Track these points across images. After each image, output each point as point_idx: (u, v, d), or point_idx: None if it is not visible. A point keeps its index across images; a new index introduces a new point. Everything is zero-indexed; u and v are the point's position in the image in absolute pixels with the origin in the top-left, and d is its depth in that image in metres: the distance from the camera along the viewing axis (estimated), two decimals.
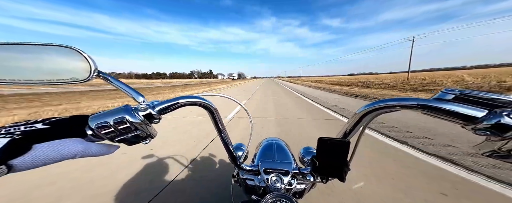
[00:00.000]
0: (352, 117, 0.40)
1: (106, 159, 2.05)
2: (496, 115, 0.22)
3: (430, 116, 0.27)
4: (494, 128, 0.22)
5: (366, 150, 2.43)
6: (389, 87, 14.18)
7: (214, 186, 1.65)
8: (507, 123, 0.21)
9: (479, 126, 0.23)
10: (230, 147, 0.53)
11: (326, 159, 0.43)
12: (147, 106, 0.33)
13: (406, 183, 1.72)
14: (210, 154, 2.33)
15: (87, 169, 1.95)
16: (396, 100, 0.30)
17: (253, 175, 0.59)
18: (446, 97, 0.26)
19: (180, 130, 3.39)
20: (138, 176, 1.82)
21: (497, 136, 0.22)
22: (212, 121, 0.47)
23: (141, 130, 0.32)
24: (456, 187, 1.65)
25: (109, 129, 0.29)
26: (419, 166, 2.04)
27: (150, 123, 0.33)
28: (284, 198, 0.43)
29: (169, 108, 0.35)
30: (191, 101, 0.38)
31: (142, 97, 0.36)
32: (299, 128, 3.59)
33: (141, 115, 0.31)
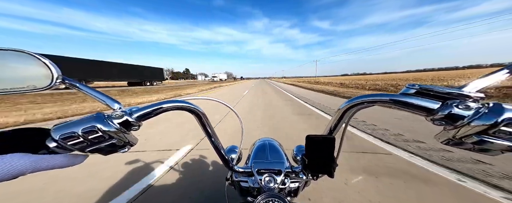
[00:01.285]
0: (335, 113, 0.42)
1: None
2: (447, 106, 0.24)
3: (398, 109, 0.29)
4: (447, 118, 0.24)
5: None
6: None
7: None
8: (457, 113, 0.23)
9: (436, 116, 0.25)
10: (222, 151, 0.53)
11: (315, 156, 0.44)
12: (123, 112, 0.31)
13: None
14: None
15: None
16: (372, 96, 0.32)
17: (247, 177, 0.59)
18: (410, 92, 0.28)
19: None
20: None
21: (450, 125, 0.24)
22: (200, 126, 0.46)
23: (117, 139, 0.30)
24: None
25: (78, 140, 0.27)
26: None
27: (128, 131, 0.32)
28: (275, 198, 0.43)
29: (150, 114, 0.34)
30: (176, 106, 0.37)
31: (117, 104, 0.34)
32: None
33: (116, 123, 0.30)
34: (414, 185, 1.59)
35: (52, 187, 1.63)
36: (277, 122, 3.92)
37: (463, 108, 0.23)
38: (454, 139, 0.24)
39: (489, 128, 0.21)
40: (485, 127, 0.21)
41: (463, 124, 0.23)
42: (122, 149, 0.33)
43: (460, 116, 0.23)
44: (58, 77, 0.31)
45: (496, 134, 0.21)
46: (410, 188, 1.55)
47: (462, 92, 0.24)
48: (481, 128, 0.21)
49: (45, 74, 0.31)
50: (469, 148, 0.24)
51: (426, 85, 0.27)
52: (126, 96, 10.47)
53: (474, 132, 0.22)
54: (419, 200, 1.41)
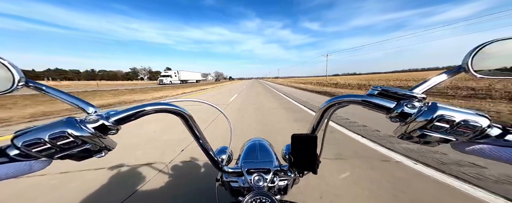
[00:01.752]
0: (316, 113, 0.46)
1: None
2: (400, 105, 0.28)
3: (367, 108, 0.33)
4: (400, 116, 0.28)
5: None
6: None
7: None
8: (406, 111, 0.28)
9: (392, 114, 0.29)
10: (210, 152, 0.53)
11: (300, 154, 0.47)
12: (99, 116, 0.30)
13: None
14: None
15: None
16: (347, 97, 0.36)
17: (237, 177, 0.60)
18: (374, 93, 0.32)
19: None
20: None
21: (403, 121, 0.29)
22: (187, 128, 0.45)
23: (92, 144, 0.29)
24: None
25: (44, 146, 0.26)
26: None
27: (104, 135, 0.31)
28: (263, 196, 0.45)
29: (130, 117, 0.32)
30: (159, 108, 0.36)
31: (92, 107, 0.32)
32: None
33: (90, 128, 0.28)
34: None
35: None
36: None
37: (410, 107, 0.27)
38: (406, 133, 0.29)
39: (427, 123, 0.25)
40: (425, 122, 0.25)
41: (411, 120, 0.27)
42: (98, 154, 0.31)
43: (409, 113, 0.27)
44: (20, 80, 0.29)
45: (432, 128, 0.25)
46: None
47: (411, 93, 0.29)
48: (422, 123, 0.26)
49: (6, 77, 0.29)
50: (416, 141, 0.28)
51: (386, 87, 0.31)
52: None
53: (418, 127, 0.26)
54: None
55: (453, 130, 0.24)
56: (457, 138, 0.25)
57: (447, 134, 0.25)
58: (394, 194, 1.47)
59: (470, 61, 0.28)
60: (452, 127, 0.24)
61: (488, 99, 6.08)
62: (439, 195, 1.45)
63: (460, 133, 0.24)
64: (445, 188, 1.53)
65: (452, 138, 0.25)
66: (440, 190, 1.52)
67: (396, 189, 1.52)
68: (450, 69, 0.31)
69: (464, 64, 0.29)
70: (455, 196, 1.44)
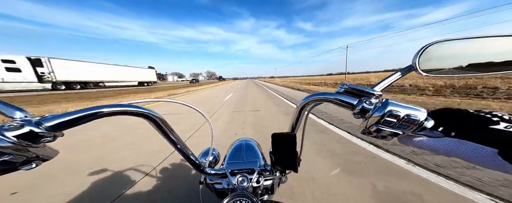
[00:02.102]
0: (293, 111, 0.47)
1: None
2: (361, 102, 0.31)
3: (337, 105, 0.35)
4: (361, 112, 0.31)
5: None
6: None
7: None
8: (365, 107, 0.30)
9: (355, 111, 0.31)
10: (190, 156, 0.51)
11: (280, 152, 0.48)
12: (24, 122, 0.25)
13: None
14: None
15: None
16: (321, 95, 0.38)
17: (221, 178, 0.60)
18: (342, 91, 0.35)
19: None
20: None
21: (363, 117, 0.31)
22: (159, 133, 0.41)
23: (13, 155, 0.25)
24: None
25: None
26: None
27: (35, 144, 0.27)
28: (242, 197, 0.46)
29: (77, 121, 0.28)
30: (121, 110, 0.31)
31: (20, 112, 0.28)
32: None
33: (9, 136, 0.24)
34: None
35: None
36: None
37: (368, 103, 0.30)
38: (366, 129, 0.31)
39: (380, 118, 0.27)
40: (379, 117, 0.28)
41: (369, 116, 0.29)
42: (26, 165, 0.27)
43: (367, 109, 0.29)
44: None
45: (384, 123, 0.27)
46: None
47: (370, 91, 0.31)
48: (377, 118, 0.28)
49: None
50: (375, 136, 0.30)
51: (352, 85, 0.34)
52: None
53: (374, 122, 0.28)
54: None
55: (400, 123, 0.27)
56: (403, 131, 0.27)
57: (395, 128, 0.27)
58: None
59: (417, 61, 0.31)
60: (398, 121, 0.27)
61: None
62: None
63: (405, 126, 0.27)
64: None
65: (399, 131, 0.27)
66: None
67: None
68: (403, 68, 0.34)
69: (413, 64, 0.32)
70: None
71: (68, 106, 6.88)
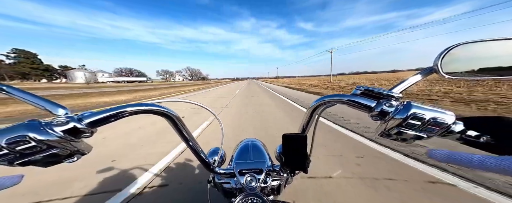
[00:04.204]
0: (305, 112, 0.47)
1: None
2: (380, 104, 0.30)
3: (352, 107, 0.34)
4: (380, 114, 0.30)
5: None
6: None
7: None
8: (385, 109, 0.29)
9: (373, 113, 0.31)
10: (201, 154, 0.52)
11: (290, 153, 0.48)
12: (69, 118, 0.28)
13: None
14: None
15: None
16: (334, 97, 0.37)
17: (229, 178, 0.60)
18: (357, 93, 0.34)
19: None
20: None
21: (382, 120, 0.30)
22: (175, 130, 0.44)
23: (60, 148, 0.27)
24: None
25: (1, 152, 0.24)
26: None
27: (77, 139, 0.29)
28: (254, 196, 0.46)
29: (109, 119, 0.31)
30: (144, 109, 0.34)
31: (62, 109, 0.30)
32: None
33: (58, 131, 0.26)
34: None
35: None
36: None
37: (388, 106, 0.29)
38: (385, 131, 0.30)
39: (402, 121, 0.27)
40: (401, 120, 0.27)
41: (389, 118, 0.29)
42: (69, 158, 0.30)
43: (387, 112, 0.29)
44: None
45: (407, 125, 0.27)
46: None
47: (389, 93, 0.30)
48: (399, 121, 0.27)
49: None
50: (395, 138, 0.30)
51: (369, 87, 0.33)
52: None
53: (395, 124, 0.28)
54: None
55: (424, 127, 0.26)
56: (428, 134, 0.27)
57: (419, 131, 0.27)
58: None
59: (440, 63, 0.30)
60: (423, 124, 0.26)
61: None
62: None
63: (430, 129, 0.26)
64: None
65: (424, 134, 0.27)
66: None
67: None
68: (423, 70, 0.33)
69: (434, 66, 0.31)
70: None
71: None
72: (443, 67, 0.30)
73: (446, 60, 0.30)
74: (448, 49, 0.30)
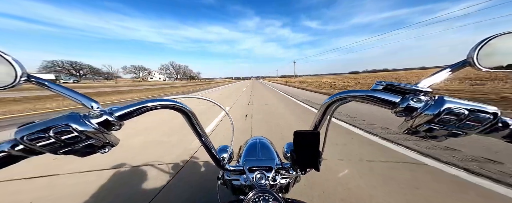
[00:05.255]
0: (318, 109, 0.45)
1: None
2: (405, 99, 0.28)
3: (371, 104, 0.32)
4: (406, 110, 0.28)
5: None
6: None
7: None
8: (412, 105, 0.27)
9: (397, 109, 0.29)
10: (212, 150, 0.53)
11: (302, 151, 0.46)
12: (102, 112, 0.30)
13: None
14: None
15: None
16: (350, 92, 0.36)
17: (239, 175, 0.60)
18: (378, 88, 0.32)
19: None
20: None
21: (408, 116, 0.28)
22: (189, 125, 0.45)
23: (96, 139, 0.29)
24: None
25: (49, 140, 0.26)
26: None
27: (108, 131, 0.31)
28: (266, 193, 0.45)
29: (133, 113, 0.33)
30: (162, 104, 0.36)
31: (95, 103, 0.32)
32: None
33: (94, 123, 0.28)
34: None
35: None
36: None
37: (416, 101, 0.27)
38: (412, 128, 0.28)
39: (434, 117, 0.25)
40: (432, 116, 0.25)
41: (417, 114, 0.27)
42: (102, 149, 0.31)
43: (415, 107, 0.27)
44: (22, 75, 0.29)
45: (439, 122, 0.25)
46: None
47: (416, 87, 0.28)
48: (429, 117, 0.25)
49: (7, 72, 0.29)
50: (423, 136, 0.28)
51: (390, 82, 0.31)
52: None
53: (424, 121, 0.26)
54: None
55: (462, 123, 0.24)
56: (466, 131, 0.25)
57: (455, 127, 0.25)
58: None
59: (476, 55, 0.28)
60: (460, 120, 0.24)
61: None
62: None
63: (469, 126, 0.24)
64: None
65: (460, 131, 0.25)
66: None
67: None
68: (454, 64, 0.30)
69: (469, 58, 0.28)
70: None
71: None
72: (479, 60, 0.28)
73: (484, 52, 0.27)
74: (486, 41, 0.27)
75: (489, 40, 0.27)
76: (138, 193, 1.56)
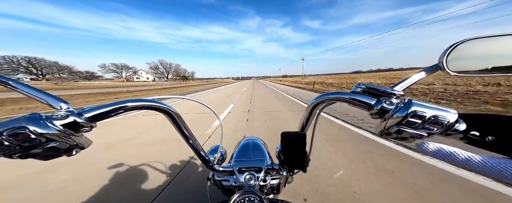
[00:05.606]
0: (305, 110, 0.46)
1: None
2: (379, 102, 0.29)
3: (351, 105, 0.33)
4: (379, 112, 0.29)
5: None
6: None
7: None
8: (385, 107, 0.28)
9: (372, 111, 0.30)
10: (201, 152, 0.53)
11: (289, 152, 0.47)
12: (69, 113, 0.28)
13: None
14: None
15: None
16: (334, 94, 0.37)
17: (229, 176, 0.60)
18: (358, 90, 0.33)
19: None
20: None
21: (382, 118, 0.29)
22: (175, 127, 0.44)
23: (59, 142, 0.28)
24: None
25: (1, 144, 0.24)
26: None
27: (76, 133, 0.29)
28: (251, 194, 0.45)
29: (109, 114, 0.31)
30: (143, 105, 0.34)
31: (64, 103, 0.30)
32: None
33: (57, 125, 0.27)
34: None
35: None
36: None
37: (388, 103, 0.28)
38: (385, 129, 0.29)
39: (402, 119, 0.26)
40: (401, 118, 0.26)
41: (389, 116, 0.28)
42: (68, 153, 0.30)
43: (387, 109, 0.28)
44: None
45: (406, 124, 0.26)
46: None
47: (390, 90, 0.30)
48: (398, 119, 0.26)
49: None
50: (395, 138, 0.29)
51: (369, 85, 0.32)
52: None
53: (394, 123, 0.27)
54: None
55: (424, 125, 0.25)
56: (428, 132, 0.26)
57: (419, 129, 0.26)
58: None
59: (445, 59, 0.29)
60: (423, 122, 0.25)
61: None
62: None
63: (431, 128, 0.25)
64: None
65: (424, 132, 0.26)
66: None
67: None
68: (428, 68, 0.32)
69: (439, 63, 0.30)
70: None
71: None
72: (448, 64, 0.29)
73: (452, 57, 0.28)
74: (454, 46, 0.28)
75: (457, 46, 0.28)
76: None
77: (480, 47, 0.27)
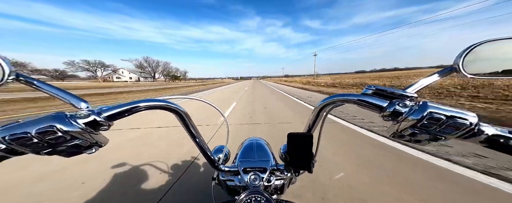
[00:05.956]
0: (312, 112, 0.46)
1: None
2: (392, 104, 0.29)
3: (361, 107, 0.33)
4: (392, 114, 0.29)
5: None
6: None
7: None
8: (398, 109, 0.28)
9: (385, 113, 0.30)
10: (207, 151, 0.53)
11: (295, 152, 0.47)
12: (90, 112, 0.29)
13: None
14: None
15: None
16: (342, 96, 0.36)
17: (233, 176, 0.60)
18: (368, 92, 0.33)
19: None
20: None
21: (394, 120, 0.29)
22: (183, 126, 0.45)
23: (82, 139, 0.29)
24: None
25: (31, 141, 0.25)
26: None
27: (96, 131, 0.30)
28: (258, 194, 0.45)
29: (123, 114, 0.32)
30: (154, 105, 0.36)
31: (84, 103, 0.32)
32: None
33: (80, 123, 0.28)
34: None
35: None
36: None
37: (402, 106, 0.28)
38: (397, 132, 0.29)
39: (417, 122, 0.25)
40: (415, 121, 0.26)
41: (402, 119, 0.27)
42: (89, 150, 0.31)
43: (400, 112, 0.27)
44: (10, 73, 0.28)
45: (422, 126, 0.25)
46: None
47: (403, 92, 0.29)
48: (413, 121, 0.26)
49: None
50: (408, 140, 0.28)
51: (380, 87, 0.32)
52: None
53: (409, 125, 0.27)
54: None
55: (442, 128, 0.25)
56: (445, 136, 0.25)
57: (436, 132, 0.25)
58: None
59: (462, 61, 0.28)
60: (440, 126, 0.25)
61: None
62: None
63: (449, 131, 0.25)
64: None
65: (441, 136, 0.25)
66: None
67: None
68: (442, 70, 0.31)
69: (455, 65, 0.29)
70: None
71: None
72: (465, 66, 0.28)
73: (469, 59, 0.28)
74: (471, 48, 0.28)
75: (474, 47, 0.27)
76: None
77: (499, 48, 0.27)
